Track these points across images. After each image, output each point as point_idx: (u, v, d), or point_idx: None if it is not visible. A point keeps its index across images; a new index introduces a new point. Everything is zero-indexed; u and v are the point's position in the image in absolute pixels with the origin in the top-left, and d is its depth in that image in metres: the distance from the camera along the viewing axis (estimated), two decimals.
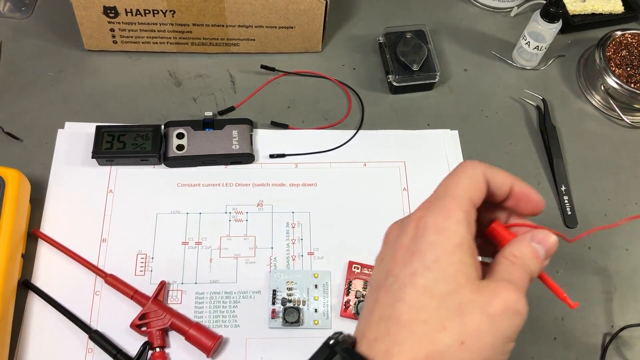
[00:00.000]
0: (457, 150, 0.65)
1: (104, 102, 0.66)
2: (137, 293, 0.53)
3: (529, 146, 0.67)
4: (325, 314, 0.54)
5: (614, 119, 0.70)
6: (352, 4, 0.76)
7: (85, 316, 0.53)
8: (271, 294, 0.54)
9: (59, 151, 0.61)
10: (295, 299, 0.54)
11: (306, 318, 0.54)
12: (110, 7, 0.63)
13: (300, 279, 0.56)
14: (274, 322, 0.53)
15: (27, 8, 0.71)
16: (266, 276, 0.56)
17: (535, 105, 0.70)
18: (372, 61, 0.72)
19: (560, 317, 0.56)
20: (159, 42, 0.68)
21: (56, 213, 0.58)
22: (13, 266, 0.51)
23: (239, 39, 0.68)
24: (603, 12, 0.76)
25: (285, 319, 0.53)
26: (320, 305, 0.54)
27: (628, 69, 0.68)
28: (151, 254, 0.56)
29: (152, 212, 0.59)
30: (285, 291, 0.55)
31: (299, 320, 0.53)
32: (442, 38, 0.74)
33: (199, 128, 0.62)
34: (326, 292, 0.55)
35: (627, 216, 0.62)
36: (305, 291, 0.55)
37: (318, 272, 0.56)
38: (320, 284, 0.55)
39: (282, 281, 0.55)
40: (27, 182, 0.56)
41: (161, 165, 0.61)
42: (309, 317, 0.54)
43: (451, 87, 0.70)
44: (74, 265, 0.55)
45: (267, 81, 0.68)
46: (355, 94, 0.68)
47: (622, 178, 0.66)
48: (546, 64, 0.73)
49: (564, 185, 0.64)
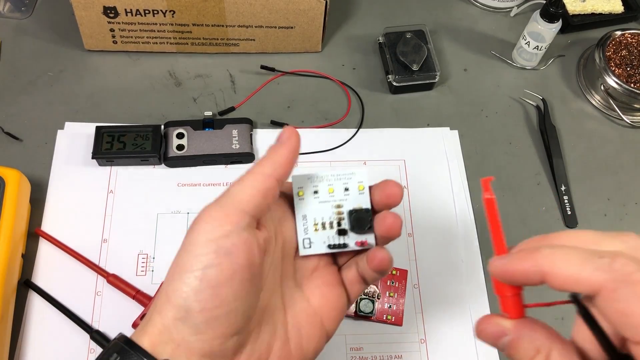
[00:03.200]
0: (457, 149, 0.65)
1: (104, 102, 0.66)
2: (139, 293, 0.53)
3: (529, 146, 0.67)
4: None
5: (614, 119, 0.70)
6: (352, 3, 0.76)
7: (87, 316, 0.53)
8: None
9: (59, 151, 0.61)
10: None
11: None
12: (110, 7, 0.63)
13: None
14: None
15: (27, 8, 0.71)
16: None
17: (535, 105, 0.70)
18: (372, 61, 0.72)
19: (561, 317, 0.56)
20: (158, 42, 0.68)
21: (56, 213, 0.58)
22: (13, 266, 0.51)
23: (238, 39, 0.68)
24: (603, 12, 0.76)
25: None
26: None
27: (628, 68, 0.68)
28: (152, 254, 0.56)
29: (153, 212, 0.59)
30: None
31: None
32: (442, 38, 0.74)
33: (198, 128, 0.62)
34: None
35: (627, 215, 0.63)
36: None
37: None
38: None
39: None
40: (27, 182, 0.56)
41: (161, 165, 0.61)
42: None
43: (451, 87, 0.71)
44: (75, 265, 0.55)
45: (267, 81, 0.68)
46: (355, 94, 0.68)
47: (622, 178, 0.66)
48: (546, 64, 0.73)
49: (564, 185, 0.64)
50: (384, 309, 0.54)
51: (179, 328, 0.31)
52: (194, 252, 0.31)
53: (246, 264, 0.32)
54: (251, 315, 0.33)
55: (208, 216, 0.32)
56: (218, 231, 0.31)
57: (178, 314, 0.31)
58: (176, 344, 0.31)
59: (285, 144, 0.35)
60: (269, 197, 0.33)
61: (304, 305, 0.37)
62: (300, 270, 0.38)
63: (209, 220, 0.32)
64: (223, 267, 0.31)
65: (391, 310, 0.54)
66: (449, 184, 0.63)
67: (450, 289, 0.57)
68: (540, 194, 0.64)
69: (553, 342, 0.27)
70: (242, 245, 0.32)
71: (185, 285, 0.31)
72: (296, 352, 0.35)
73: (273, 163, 0.34)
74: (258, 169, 0.34)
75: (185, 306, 0.31)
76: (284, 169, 0.34)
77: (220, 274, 0.31)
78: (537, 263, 0.26)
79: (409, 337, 0.54)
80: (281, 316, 0.36)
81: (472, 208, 0.61)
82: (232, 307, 0.31)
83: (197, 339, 0.31)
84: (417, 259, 0.58)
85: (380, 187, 0.37)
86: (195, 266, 0.31)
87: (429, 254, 0.59)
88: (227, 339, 0.32)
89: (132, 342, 0.31)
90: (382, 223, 0.36)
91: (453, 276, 0.58)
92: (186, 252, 0.32)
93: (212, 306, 0.31)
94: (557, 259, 0.26)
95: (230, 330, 0.32)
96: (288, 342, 0.35)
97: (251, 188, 0.33)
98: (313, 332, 0.36)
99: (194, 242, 0.32)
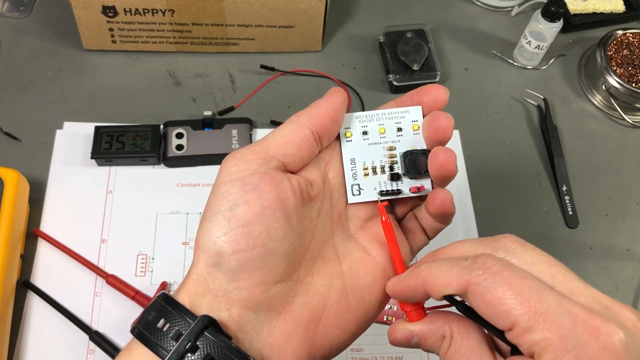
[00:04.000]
0: (458, 149, 0.65)
1: (103, 102, 0.65)
2: (139, 294, 0.53)
3: (530, 146, 0.67)
4: None
5: (615, 119, 0.70)
6: (352, 3, 0.76)
7: (86, 317, 0.53)
8: None
9: (57, 151, 0.61)
10: None
11: None
12: (109, 7, 0.63)
13: None
14: None
15: (25, 7, 0.71)
16: None
17: (536, 104, 0.70)
18: (373, 60, 0.71)
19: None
20: (158, 41, 0.67)
21: (55, 214, 0.57)
22: (11, 267, 0.51)
23: (238, 38, 0.68)
24: (604, 11, 0.76)
25: None
26: None
27: (629, 68, 0.68)
28: (151, 254, 0.56)
29: (152, 212, 0.58)
30: None
31: None
32: (443, 37, 0.74)
33: (198, 128, 0.62)
34: None
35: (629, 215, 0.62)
36: None
37: None
38: None
39: None
40: (25, 183, 0.55)
41: (161, 165, 0.61)
42: None
43: (452, 87, 0.70)
44: (74, 265, 0.55)
45: (266, 80, 0.68)
46: (356, 94, 0.68)
47: (623, 178, 0.66)
48: (547, 64, 0.73)
49: (565, 185, 0.64)
50: (385, 310, 0.54)
51: (213, 275, 0.29)
52: (220, 193, 0.30)
53: (276, 198, 0.30)
54: (295, 262, 0.31)
55: (233, 157, 0.31)
56: (244, 171, 0.30)
57: (210, 260, 0.29)
58: (213, 294, 0.29)
59: (327, 98, 0.33)
60: (304, 148, 0.32)
61: (361, 256, 0.34)
62: (353, 220, 0.35)
63: (234, 161, 0.31)
64: (251, 204, 0.29)
65: (392, 311, 0.54)
66: (450, 183, 0.62)
67: None
68: (542, 194, 0.64)
69: (451, 323, 0.29)
70: (269, 180, 0.30)
71: (214, 227, 0.29)
72: (357, 304, 0.33)
73: (310, 114, 0.33)
74: (293, 119, 0.33)
75: (216, 249, 0.29)
76: (322, 122, 0.32)
77: (249, 211, 0.29)
78: (418, 279, 0.29)
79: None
80: (336, 267, 0.33)
81: (473, 208, 0.61)
82: (270, 248, 0.29)
83: (235, 287, 0.29)
84: (417, 259, 0.58)
85: (427, 123, 0.34)
86: (223, 206, 0.29)
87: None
88: (270, 287, 0.30)
89: (170, 298, 0.29)
90: (434, 159, 0.33)
91: None
92: (213, 194, 0.30)
93: (245, 247, 0.29)
94: (432, 271, 0.28)
95: (271, 276, 0.30)
96: (347, 294, 0.33)
97: (283, 136, 0.32)
98: (375, 282, 0.33)
99: (220, 183, 0.30)
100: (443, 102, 0.35)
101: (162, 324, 0.28)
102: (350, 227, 0.35)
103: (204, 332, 0.28)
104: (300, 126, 0.32)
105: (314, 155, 0.33)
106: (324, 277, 0.33)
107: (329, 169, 0.35)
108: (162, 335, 0.28)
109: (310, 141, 0.32)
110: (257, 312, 0.30)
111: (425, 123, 0.34)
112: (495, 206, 0.62)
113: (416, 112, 0.35)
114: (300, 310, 0.31)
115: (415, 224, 0.36)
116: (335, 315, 0.32)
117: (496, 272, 0.26)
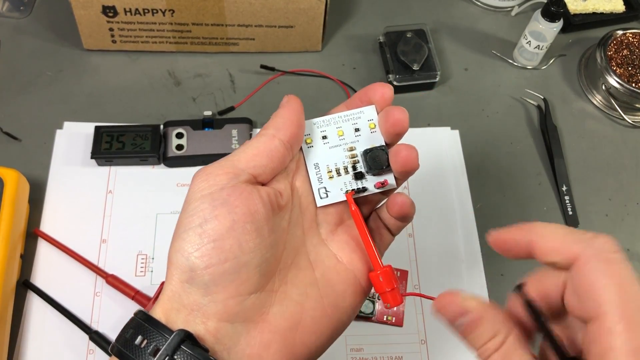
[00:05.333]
0: (457, 149, 0.65)
1: (103, 102, 0.65)
2: (139, 294, 0.53)
3: (530, 146, 0.67)
4: None
5: (615, 119, 0.70)
6: (352, 3, 0.76)
7: (86, 317, 0.53)
8: None
9: (57, 151, 0.61)
10: None
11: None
12: (109, 7, 0.63)
13: None
14: None
15: (25, 7, 0.71)
16: None
17: (536, 104, 0.70)
18: (373, 60, 0.71)
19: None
20: (158, 41, 0.67)
21: (55, 214, 0.57)
22: (11, 266, 0.51)
23: (238, 38, 0.68)
24: (604, 11, 0.76)
25: None
26: None
27: (629, 68, 0.68)
28: (151, 254, 0.56)
29: (152, 212, 0.58)
30: None
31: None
32: (443, 37, 0.74)
33: (198, 128, 0.62)
34: None
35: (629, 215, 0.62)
36: None
37: None
38: None
39: None
40: (25, 183, 0.55)
41: (161, 165, 0.61)
42: None
43: (452, 87, 0.70)
44: (74, 265, 0.55)
45: (266, 80, 0.68)
46: None
47: (623, 178, 0.66)
48: (547, 64, 0.73)
49: (565, 185, 0.64)
50: (384, 310, 0.54)
51: (187, 291, 0.29)
52: (190, 210, 0.30)
53: (246, 212, 0.30)
54: (269, 272, 0.31)
55: (202, 173, 0.31)
56: (213, 186, 0.30)
57: (183, 275, 0.29)
58: (189, 309, 0.29)
59: (286, 106, 0.34)
60: (275, 158, 0.32)
61: (332, 262, 0.35)
62: (323, 225, 0.36)
63: (204, 177, 0.31)
64: (221, 218, 0.30)
65: (391, 311, 0.54)
66: (450, 184, 0.63)
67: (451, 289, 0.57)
68: (541, 194, 0.64)
69: (510, 325, 0.27)
70: (239, 194, 0.30)
71: (186, 243, 0.30)
72: (332, 310, 0.34)
73: (276, 124, 0.33)
74: (262, 132, 0.33)
75: (189, 265, 0.29)
76: (290, 129, 0.33)
77: (220, 226, 0.29)
78: (528, 234, 0.28)
79: (409, 337, 0.54)
80: (309, 275, 0.34)
81: (473, 208, 0.61)
82: (242, 260, 0.30)
83: (210, 300, 0.29)
84: (417, 259, 0.58)
85: (383, 119, 0.35)
86: (193, 222, 0.30)
87: (429, 254, 0.58)
88: (244, 298, 0.30)
89: (147, 315, 0.30)
90: (396, 157, 0.34)
91: (454, 277, 0.57)
92: (184, 211, 0.31)
93: (217, 261, 0.29)
94: (545, 231, 0.28)
95: (245, 287, 0.30)
96: (321, 301, 0.33)
97: (253, 148, 0.32)
98: (347, 288, 0.34)
99: (190, 199, 0.31)
100: (390, 99, 0.36)
101: (140, 340, 0.29)
102: (322, 232, 0.36)
103: (181, 345, 0.28)
104: (270, 137, 0.33)
105: (285, 164, 0.34)
106: (299, 285, 0.33)
107: (295, 178, 0.35)
108: (141, 352, 0.29)
109: (281, 151, 0.33)
110: (233, 324, 0.30)
111: (381, 119, 0.35)
112: (495, 206, 0.62)
113: (370, 111, 0.36)
114: (277, 320, 0.31)
115: (379, 223, 0.37)
116: (312, 322, 0.33)
117: (612, 260, 0.25)
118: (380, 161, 0.35)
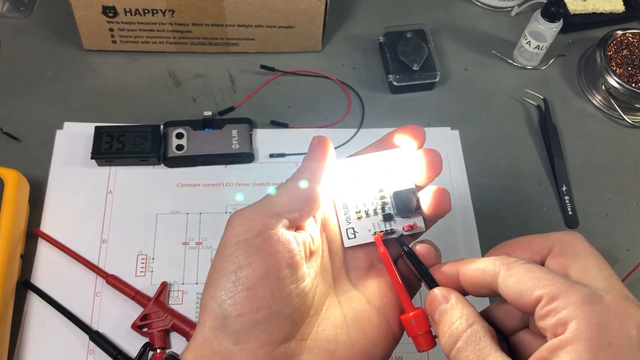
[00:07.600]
0: (457, 149, 0.65)
1: (103, 102, 0.65)
2: (139, 294, 0.53)
3: (530, 146, 0.67)
4: None
5: (615, 119, 0.70)
6: (352, 3, 0.76)
7: (86, 317, 0.53)
8: None
9: (58, 151, 0.61)
10: None
11: None
12: (109, 7, 0.63)
13: None
14: None
15: (26, 8, 0.71)
16: None
17: (536, 104, 0.70)
18: (373, 61, 0.71)
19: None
20: (158, 41, 0.67)
21: (56, 214, 0.57)
22: (12, 267, 0.51)
23: (238, 38, 0.68)
24: (604, 11, 0.76)
25: None
26: None
27: (629, 68, 0.68)
28: (152, 254, 0.56)
29: (152, 213, 0.58)
30: None
31: None
32: (443, 37, 0.74)
33: (198, 128, 0.62)
34: None
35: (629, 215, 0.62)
36: None
37: None
38: None
39: None
40: (26, 183, 0.55)
41: (161, 166, 0.61)
42: None
43: (452, 87, 0.70)
44: (75, 265, 0.55)
45: (266, 81, 0.68)
46: (356, 94, 0.68)
47: (623, 178, 0.66)
48: (547, 64, 0.73)
49: (565, 185, 0.64)
50: None
51: (219, 338, 0.29)
52: (225, 255, 0.30)
53: (281, 261, 0.30)
54: (299, 321, 0.31)
55: (239, 217, 0.31)
56: (249, 232, 0.30)
57: (216, 322, 0.30)
58: (219, 357, 0.29)
59: (318, 149, 0.34)
60: (310, 202, 0.32)
61: (364, 308, 0.34)
62: (354, 270, 0.36)
63: (240, 221, 0.31)
64: (255, 266, 0.30)
65: None
66: (450, 184, 0.63)
67: None
68: (541, 194, 0.64)
69: (478, 317, 0.30)
70: (275, 242, 0.30)
71: (220, 290, 0.30)
72: (362, 358, 0.33)
73: (310, 167, 0.33)
74: (296, 175, 0.33)
75: (222, 312, 0.29)
76: (323, 173, 0.33)
77: (254, 274, 0.29)
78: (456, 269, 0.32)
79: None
80: (340, 322, 0.33)
81: (473, 208, 0.61)
82: (274, 310, 0.30)
83: (240, 349, 0.29)
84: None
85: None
86: (228, 269, 0.30)
87: None
88: (274, 347, 0.30)
89: (176, 359, 0.30)
90: (428, 200, 0.34)
91: None
92: (218, 256, 0.31)
93: (249, 310, 0.29)
94: (469, 265, 0.31)
95: (275, 337, 0.30)
96: (352, 349, 0.33)
97: (289, 192, 0.32)
98: (379, 335, 0.34)
99: (225, 244, 0.31)
100: (423, 142, 0.36)
101: None
102: (352, 278, 0.36)
103: None
104: (305, 181, 0.33)
105: (319, 207, 0.33)
106: (329, 332, 0.33)
107: (324, 222, 0.35)
108: None
109: (316, 195, 0.33)
110: None
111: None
112: (495, 206, 0.62)
113: (401, 154, 0.36)
114: None
115: (407, 269, 0.37)
116: None
117: (522, 263, 0.29)
118: (410, 204, 0.35)
